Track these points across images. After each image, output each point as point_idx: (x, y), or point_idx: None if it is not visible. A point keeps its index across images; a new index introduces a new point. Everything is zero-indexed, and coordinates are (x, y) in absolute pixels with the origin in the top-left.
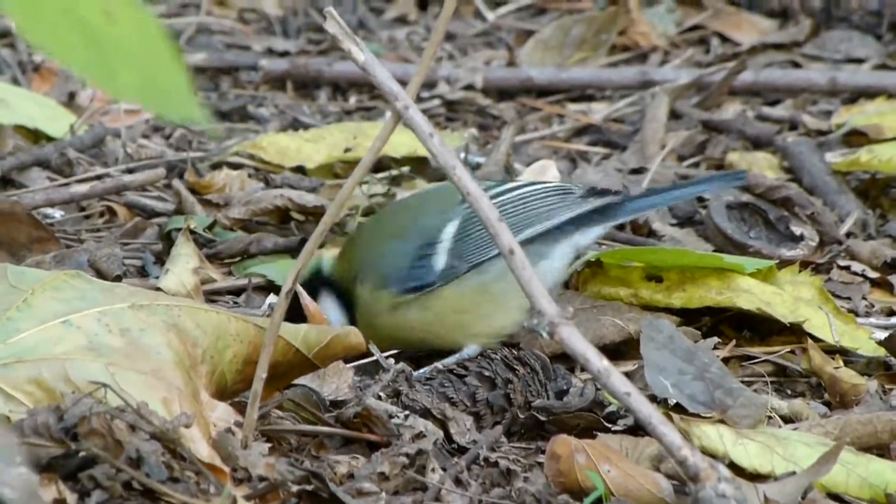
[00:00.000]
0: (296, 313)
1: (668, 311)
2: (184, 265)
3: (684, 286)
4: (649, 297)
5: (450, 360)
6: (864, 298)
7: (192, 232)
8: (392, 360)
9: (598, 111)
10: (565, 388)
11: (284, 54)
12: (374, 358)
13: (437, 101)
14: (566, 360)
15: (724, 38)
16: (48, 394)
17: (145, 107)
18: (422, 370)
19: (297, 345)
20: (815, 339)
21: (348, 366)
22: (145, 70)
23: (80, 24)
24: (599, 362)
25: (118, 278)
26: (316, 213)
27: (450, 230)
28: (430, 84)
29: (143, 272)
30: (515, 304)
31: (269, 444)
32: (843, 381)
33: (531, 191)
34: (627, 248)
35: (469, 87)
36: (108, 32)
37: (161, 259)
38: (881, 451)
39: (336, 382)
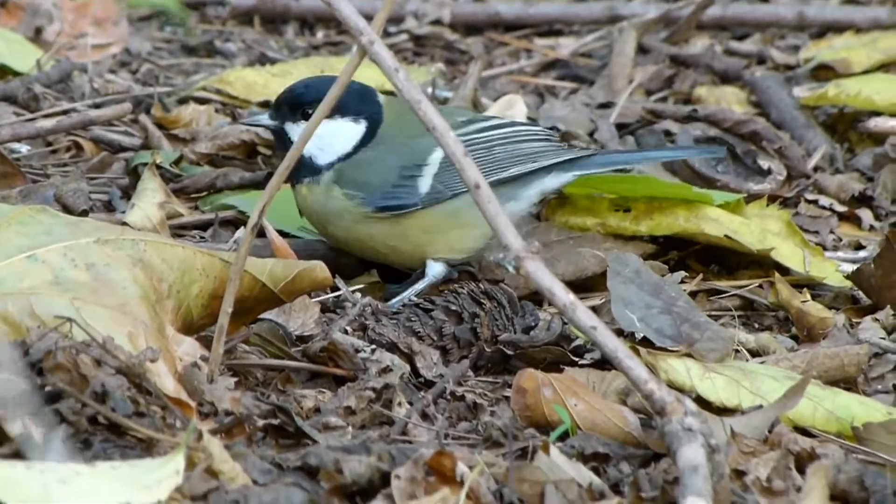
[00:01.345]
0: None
1: (636, 238)
2: (150, 199)
3: (652, 215)
4: (616, 225)
5: (420, 286)
6: (831, 232)
7: (158, 167)
8: (358, 295)
9: (565, 46)
10: (532, 322)
11: None
12: (341, 293)
13: (404, 36)
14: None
15: None
16: (13, 328)
17: None
18: (390, 302)
19: (264, 279)
20: (783, 272)
21: (314, 300)
22: None
23: None
24: (565, 296)
25: (84, 213)
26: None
27: (437, 155)
28: (397, 19)
29: (109, 207)
30: (481, 231)
31: (236, 379)
32: (810, 315)
33: (517, 131)
34: (597, 176)
35: (436, 22)
36: None
37: (128, 194)
38: (848, 384)
39: (302, 317)
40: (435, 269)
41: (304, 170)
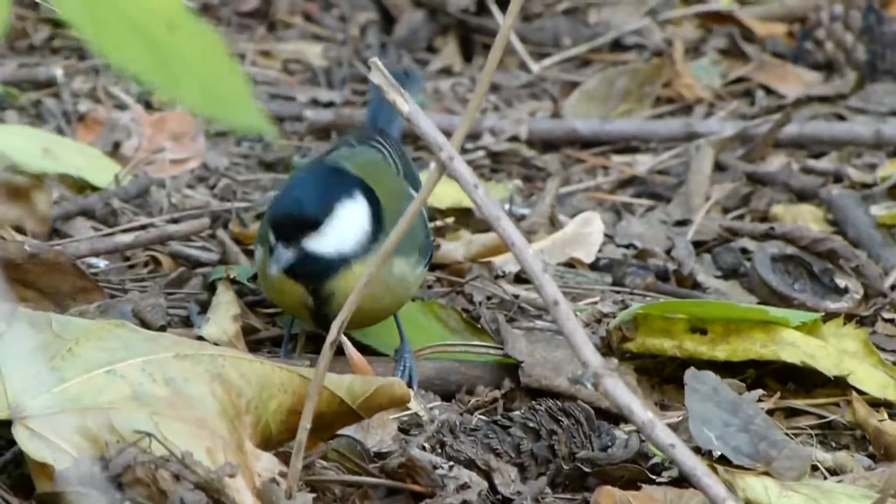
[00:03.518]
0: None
1: (712, 363)
2: (225, 313)
3: (728, 338)
4: (693, 349)
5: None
6: None
7: (234, 281)
8: (436, 412)
9: (642, 163)
10: (609, 440)
11: (329, 105)
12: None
13: (481, 153)
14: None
15: (768, 91)
16: (93, 443)
17: (207, 113)
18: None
19: (342, 395)
20: (860, 392)
21: (392, 417)
22: (206, 78)
23: (143, 34)
24: (644, 414)
25: (162, 328)
26: None
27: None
28: (474, 135)
29: (187, 322)
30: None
31: (314, 495)
32: (887, 434)
33: None
34: (672, 300)
35: (514, 139)
36: (170, 42)
37: (205, 309)
38: None
39: (380, 433)
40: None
41: (319, 267)
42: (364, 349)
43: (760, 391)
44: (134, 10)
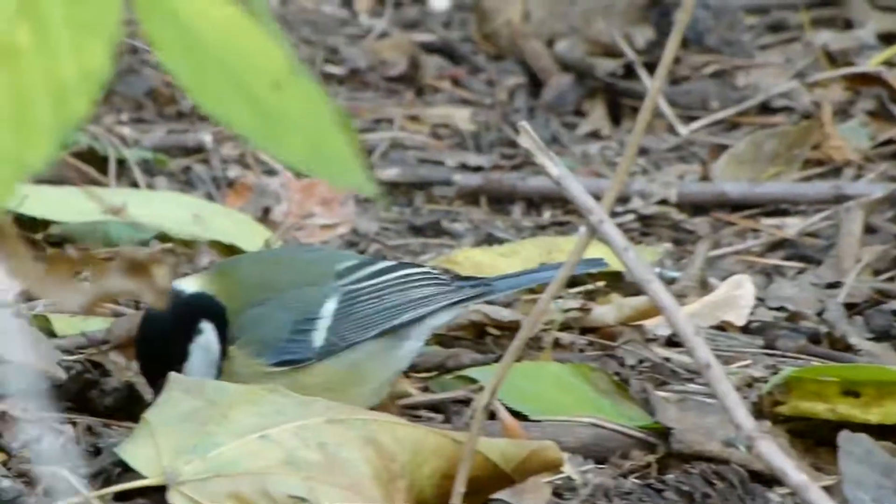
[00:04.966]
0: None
1: (865, 426)
2: None
3: (882, 401)
4: (846, 411)
5: None
6: None
7: None
8: (590, 475)
9: (792, 225)
10: (763, 502)
11: (478, 169)
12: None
13: (630, 216)
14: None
15: None
16: None
17: (312, 172)
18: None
19: (495, 459)
20: None
21: (545, 481)
22: (312, 137)
23: (248, 92)
24: (798, 476)
25: None
26: (511, 328)
27: (330, 307)
28: (624, 198)
29: None
30: (375, 385)
31: None
32: None
33: (406, 276)
34: (824, 363)
35: (663, 202)
36: (274, 101)
37: None
38: None
39: (534, 498)
40: None
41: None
42: (516, 413)
43: None
44: (239, 66)
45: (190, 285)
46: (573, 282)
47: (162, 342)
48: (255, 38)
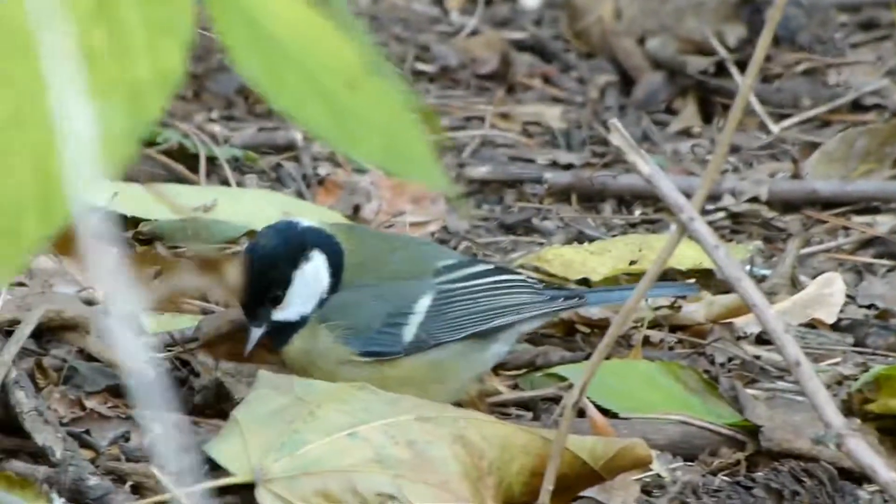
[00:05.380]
0: None
1: None
2: None
3: None
4: None
5: None
6: None
7: None
8: (679, 473)
9: (883, 223)
10: (853, 500)
11: (568, 167)
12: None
13: (721, 214)
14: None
15: None
16: None
17: (388, 171)
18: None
19: (584, 457)
20: None
21: (634, 478)
22: (388, 137)
23: (323, 92)
24: (888, 474)
25: None
26: (601, 326)
27: (424, 303)
28: (714, 196)
29: None
30: (457, 385)
31: None
32: None
33: (501, 281)
34: None
35: (754, 200)
36: (350, 101)
37: None
38: None
39: (622, 495)
40: None
41: (286, 332)
42: (605, 411)
43: None
44: (314, 66)
45: (308, 222)
46: (663, 279)
47: (267, 265)
48: (329, 38)
